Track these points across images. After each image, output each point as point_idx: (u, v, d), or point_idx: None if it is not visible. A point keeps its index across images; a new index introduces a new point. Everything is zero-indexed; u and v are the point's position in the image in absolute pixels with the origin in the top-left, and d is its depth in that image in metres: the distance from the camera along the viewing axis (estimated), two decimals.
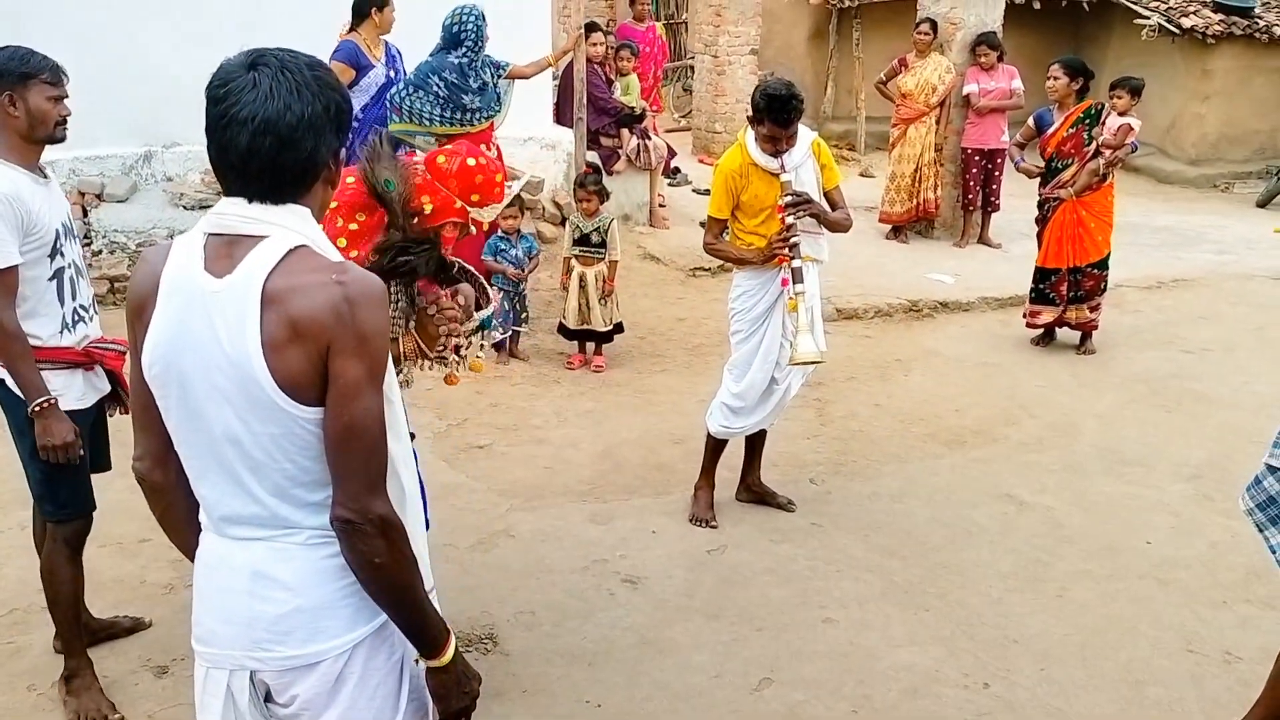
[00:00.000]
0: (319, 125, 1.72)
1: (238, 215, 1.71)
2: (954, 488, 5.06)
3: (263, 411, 1.69)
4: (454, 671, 1.88)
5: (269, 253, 1.68)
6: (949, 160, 9.33)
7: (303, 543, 1.78)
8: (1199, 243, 9.92)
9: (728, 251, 4.47)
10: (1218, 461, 5.36)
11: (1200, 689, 3.59)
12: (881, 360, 6.78)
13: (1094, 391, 6.35)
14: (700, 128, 12.57)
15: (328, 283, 1.67)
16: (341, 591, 1.80)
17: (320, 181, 1.78)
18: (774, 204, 4.27)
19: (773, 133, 4.17)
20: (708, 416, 4.66)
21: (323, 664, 1.80)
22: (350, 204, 2.87)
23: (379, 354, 1.73)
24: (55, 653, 3.47)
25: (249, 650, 1.80)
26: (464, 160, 2.99)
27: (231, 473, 1.75)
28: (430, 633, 1.84)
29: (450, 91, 6.32)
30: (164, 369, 1.75)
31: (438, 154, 3.01)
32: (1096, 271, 6.83)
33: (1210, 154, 12.84)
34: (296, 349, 1.67)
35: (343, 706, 1.83)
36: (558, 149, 8.76)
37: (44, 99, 3.05)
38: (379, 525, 1.72)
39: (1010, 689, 3.57)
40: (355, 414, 1.70)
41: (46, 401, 3.06)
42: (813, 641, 3.82)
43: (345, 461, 1.71)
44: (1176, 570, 4.35)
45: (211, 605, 1.84)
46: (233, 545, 1.81)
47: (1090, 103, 6.71)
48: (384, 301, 1.74)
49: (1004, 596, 4.13)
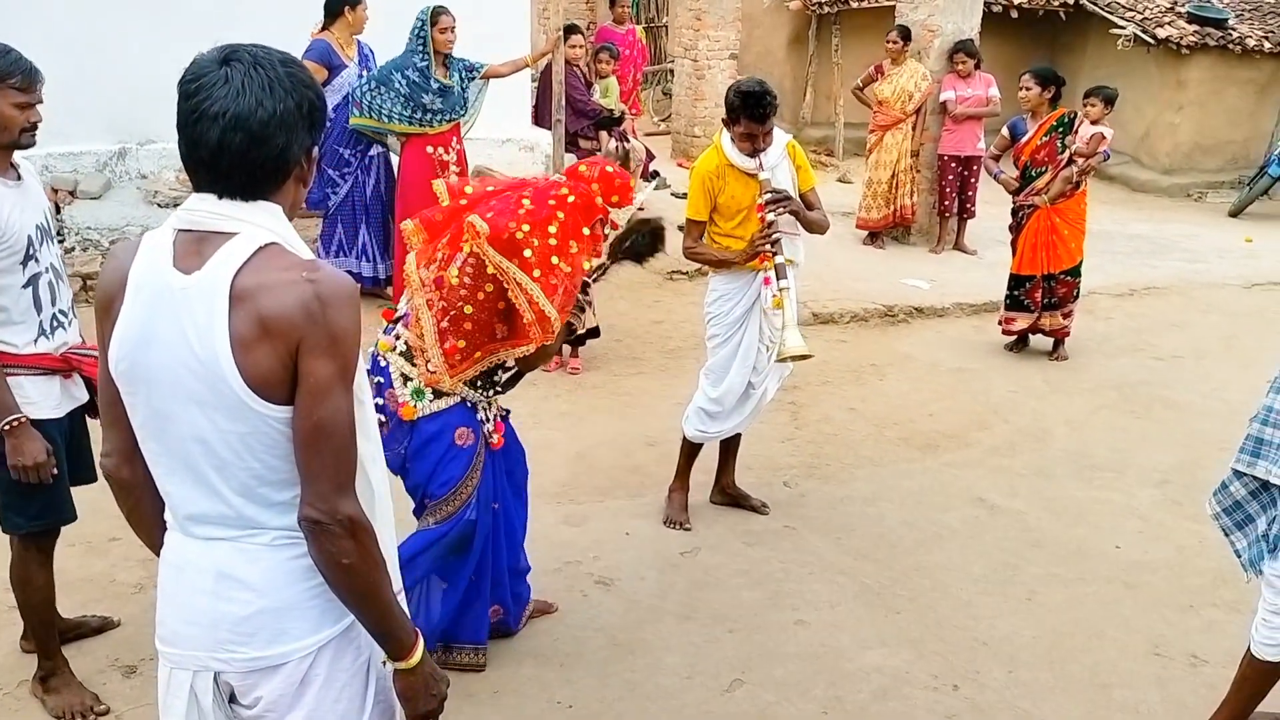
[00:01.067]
0: (291, 122, 1.70)
1: (207, 211, 1.70)
2: (926, 491, 5.10)
3: (230, 410, 1.68)
4: (422, 673, 1.87)
5: (238, 250, 1.67)
6: (925, 167, 9.39)
7: (268, 544, 1.77)
8: (1171, 251, 10.02)
9: (708, 254, 4.46)
10: (1187, 467, 5.42)
11: (1166, 691, 3.63)
12: (856, 364, 6.81)
13: (1065, 397, 6.41)
14: (679, 131, 12.59)
15: (298, 280, 1.66)
16: (307, 593, 1.79)
17: (292, 179, 1.76)
18: (750, 205, 4.28)
19: (749, 129, 4.17)
20: (684, 420, 4.67)
21: (287, 666, 1.79)
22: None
23: (349, 353, 1.72)
24: (23, 652, 3.44)
25: (212, 651, 1.79)
26: (603, 168, 3.40)
27: (197, 471, 1.74)
28: (397, 634, 1.83)
29: (411, 90, 6.35)
30: (130, 366, 1.74)
31: (580, 164, 3.41)
32: (1070, 279, 6.89)
33: (1184, 163, 12.97)
34: (265, 347, 1.65)
35: (308, 708, 1.82)
36: (536, 150, 8.77)
37: (10, 105, 2.91)
38: (347, 526, 1.71)
39: (979, 690, 3.60)
40: (324, 414, 1.69)
41: (17, 420, 2.95)
42: (784, 643, 3.83)
43: (314, 461, 1.70)
44: (1144, 574, 4.39)
45: (175, 605, 1.83)
46: (198, 545, 1.79)
47: (1062, 111, 6.78)
48: (355, 301, 1.72)
49: (974, 599, 4.16)
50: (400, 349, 3.27)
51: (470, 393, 3.31)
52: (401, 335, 3.28)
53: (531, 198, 3.20)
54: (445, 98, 6.47)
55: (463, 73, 6.59)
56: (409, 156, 6.57)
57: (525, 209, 3.15)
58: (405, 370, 3.25)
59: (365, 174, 6.79)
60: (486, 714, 3.37)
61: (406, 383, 3.26)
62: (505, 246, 3.09)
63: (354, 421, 1.74)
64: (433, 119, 6.48)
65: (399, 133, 6.52)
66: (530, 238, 3.10)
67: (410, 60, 6.39)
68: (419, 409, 3.26)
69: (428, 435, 3.28)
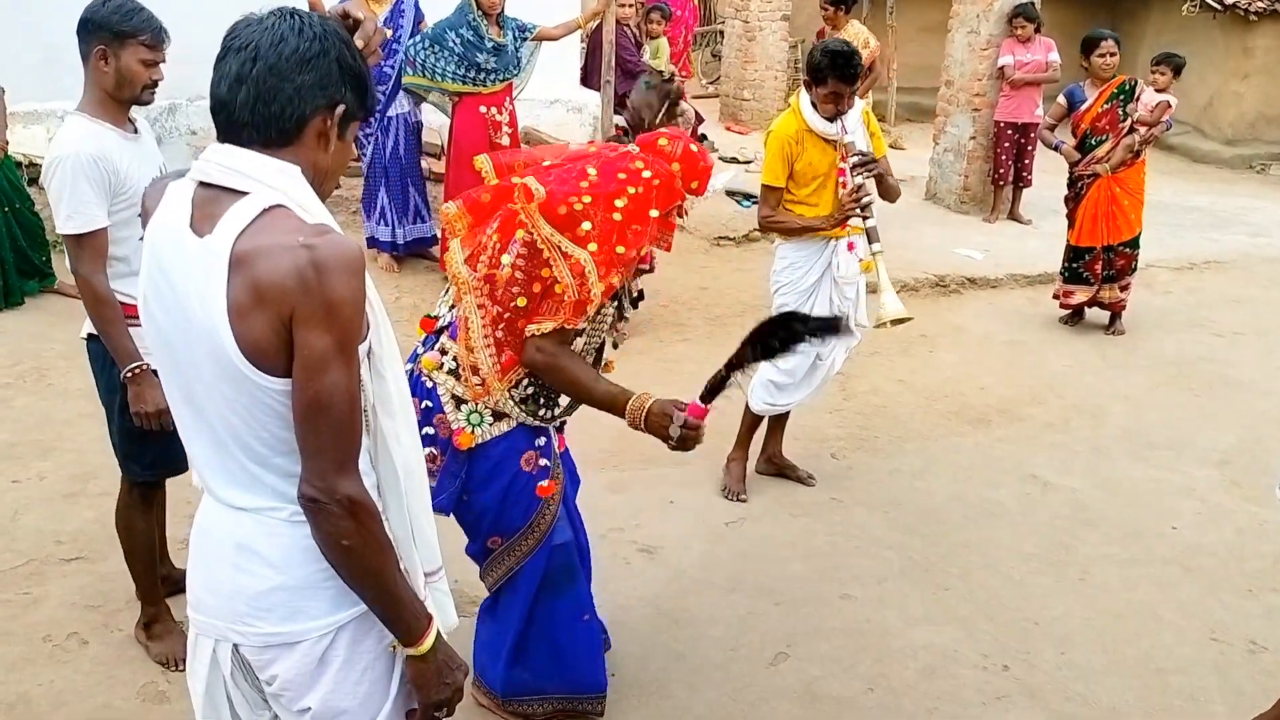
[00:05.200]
0: (314, 64, 1.66)
1: (222, 165, 1.65)
2: (977, 467, 5.00)
3: (233, 380, 1.63)
4: (435, 661, 1.81)
5: (244, 212, 1.60)
6: (981, 134, 9.17)
7: (287, 519, 1.72)
8: (1233, 224, 9.75)
9: (790, 221, 4.28)
10: (1247, 447, 5.28)
11: (1223, 678, 3.54)
12: (906, 335, 6.68)
13: (1122, 373, 6.26)
14: (728, 94, 12.42)
15: (294, 246, 1.57)
16: (324, 573, 1.73)
17: (312, 135, 1.70)
18: (827, 172, 4.20)
19: (836, 89, 4.05)
20: (749, 392, 4.59)
21: (302, 644, 1.75)
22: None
23: (349, 324, 1.61)
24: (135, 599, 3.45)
25: (231, 623, 1.76)
26: (686, 145, 2.93)
27: (217, 437, 1.70)
28: (405, 620, 1.76)
29: (465, 49, 6.27)
30: (150, 326, 1.71)
31: (659, 136, 2.93)
32: (1129, 250, 6.71)
33: (1248, 134, 12.60)
34: (259, 316, 1.58)
35: (325, 689, 1.78)
36: (584, 112, 8.67)
37: (137, 61, 2.94)
38: (346, 505, 1.63)
39: (1029, 672, 3.53)
40: (321, 388, 1.60)
41: (139, 367, 2.97)
42: (830, 618, 3.78)
43: (311, 437, 1.63)
44: (1201, 557, 4.28)
45: (200, 571, 1.81)
46: (223, 513, 1.76)
47: (1123, 78, 6.57)
48: (357, 269, 1.61)
49: (1025, 578, 4.07)
50: (448, 366, 2.78)
51: (530, 420, 2.84)
52: (449, 350, 2.78)
53: (599, 168, 2.76)
54: (499, 57, 6.39)
55: (516, 32, 6.49)
56: (461, 116, 6.49)
57: (590, 180, 2.73)
58: (457, 391, 2.77)
59: (385, 135, 6.71)
60: None
61: (460, 406, 2.78)
62: (561, 219, 2.64)
63: (356, 396, 1.65)
64: (486, 78, 6.40)
65: (452, 91, 6.45)
66: (592, 210, 2.66)
67: (464, 19, 6.31)
68: (478, 435, 2.79)
69: (492, 463, 2.82)
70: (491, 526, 2.91)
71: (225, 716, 1.87)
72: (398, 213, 6.84)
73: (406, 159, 6.78)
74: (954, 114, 9.45)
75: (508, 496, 2.86)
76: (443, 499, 2.80)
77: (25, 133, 7.26)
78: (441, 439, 2.79)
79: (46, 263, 6.20)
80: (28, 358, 5.45)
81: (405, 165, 6.78)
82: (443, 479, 2.79)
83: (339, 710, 1.79)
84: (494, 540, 2.93)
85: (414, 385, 2.78)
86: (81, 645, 3.41)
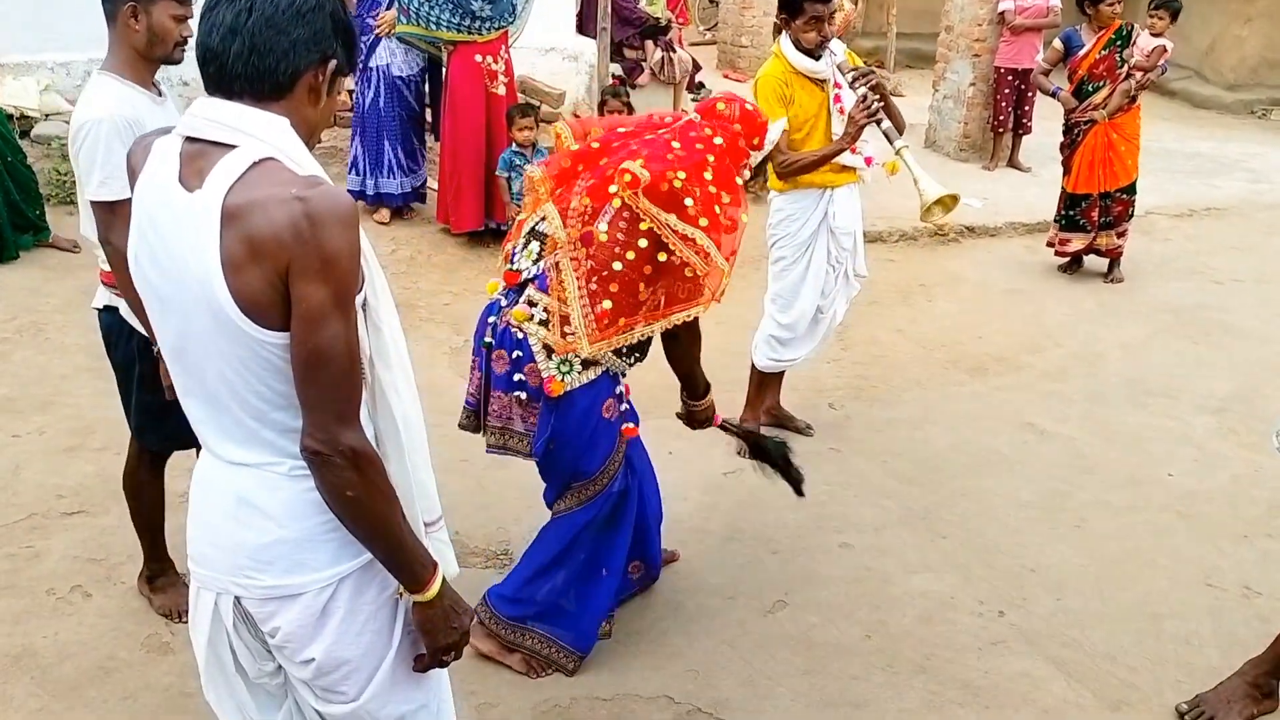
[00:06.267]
0: (309, 18, 1.65)
1: (210, 119, 1.63)
2: (975, 415, 5.01)
3: (230, 335, 1.62)
4: (440, 606, 1.82)
5: (234, 165, 1.59)
6: (981, 80, 9.09)
7: (287, 473, 1.73)
8: (1233, 170, 9.69)
9: (808, 156, 4.12)
10: (1244, 395, 5.29)
11: (1218, 622, 3.57)
12: (905, 285, 6.69)
13: (1120, 320, 6.25)
14: (726, 41, 12.28)
15: (287, 199, 1.55)
16: (326, 525, 1.74)
17: (304, 88, 1.68)
18: (817, 113, 4.15)
19: (815, 12, 3.98)
20: (753, 349, 4.57)
21: (304, 596, 1.76)
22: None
23: (345, 276, 1.60)
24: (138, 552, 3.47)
25: (233, 575, 1.77)
26: (743, 105, 3.07)
27: (213, 392, 1.70)
28: (411, 567, 1.77)
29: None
30: (143, 283, 1.71)
31: (716, 101, 3.07)
32: (1126, 196, 6.67)
33: (1249, 79, 12.48)
34: (255, 269, 1.57)
35: (329, 640, 1.79)
36: (580, 60, 8.58)
37: (168, 16, 2.86)
38: (349, 457, 1.64)
39: (1026, 618, 3.56)
40: (320, 341, 1.60)
41: None
42: (828, 566, 3.81)
43: (311, 390, 1.63)
44: (1198, 503, 4.31)
45: (201, 525, 1.82)
46: (222, 468, 1.76)
47: (1119, 23, 6.50)
48: (351, 220, 1.60)
49: (1022, 525, 4.10)
50: (538, 317, 2.91)
51: (617, 361, 3.03)
52: (538, 301, 2.91)
53: (679, 140, 2.87)
54: (494, 4, 6.28)
55: None
56: (457, 65, 6.41)
57: (675, 153, 2.83)
58: (549, 340, 2.91)
59: (365, 87, 6.63)
60: None
61: (550, 355, 2.91)
62: (665, 199, 2.78)
63: (355, 348, 1.65)
64: (481, 26, 6.30)
65: (447, 40, 6.36)
66: (690, 186, 2.80)
67: None
68: (567, 383, 2.92)
69: (580, 410, 2.97)
70: (572, 471, 3.08)
71: (229, 668, 1.89)
72: (371, 164, 6.72)
73: (386, 112, 6.64)
74: (954, 60, 9.35)
75: (591, 441, 3.02)
76: (538, 445, 2.99)
77: (16, 84, 7.17)
78: (532, 387, 2.94)
79: (41, 216, 6.16)
80: (24, 312, 5.44)
81: (383, 118, 6.65)
82: (539, 427, 2.96)
83: (342, 660, 1.81)
84: (571, 483, 3.12)
85: (503, 337, 2.97)
86: (85, 598, 3.44)
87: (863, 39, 13.14)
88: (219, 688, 1.92)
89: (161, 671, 3.13)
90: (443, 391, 4.89)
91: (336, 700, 1.86)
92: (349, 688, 1.84)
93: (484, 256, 6.54)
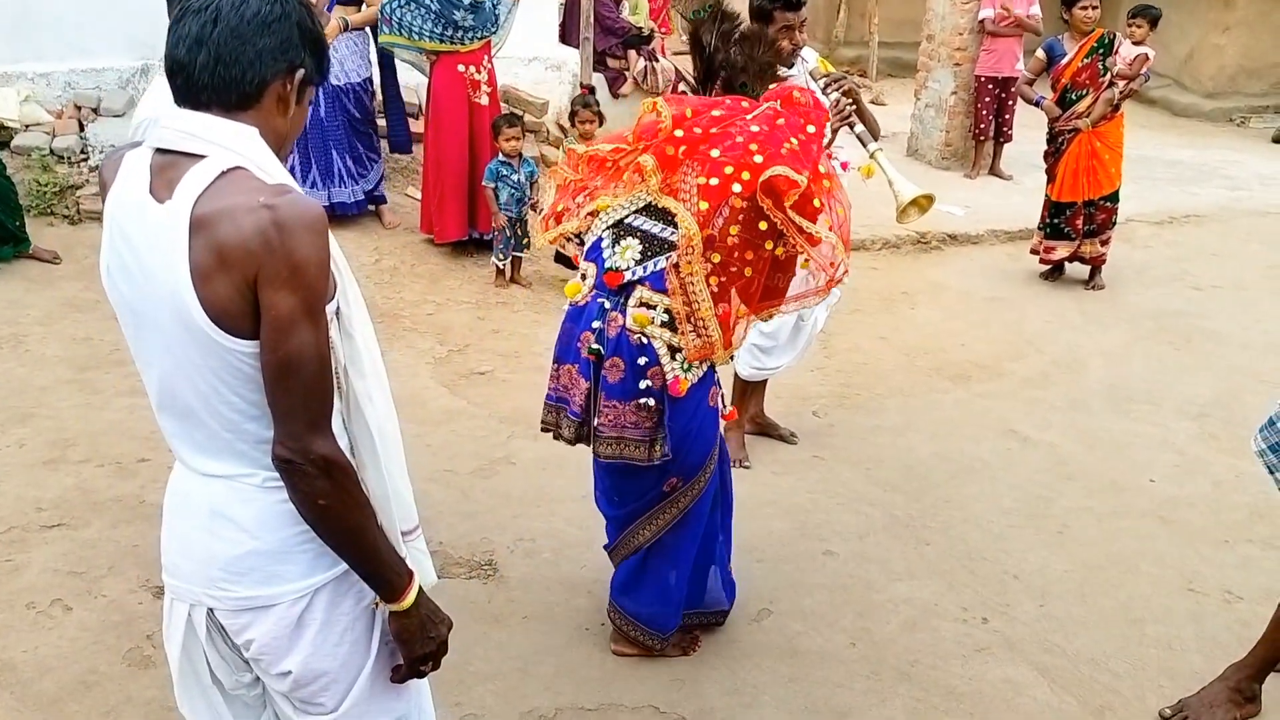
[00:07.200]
0: (275, 27, 1.65)
1: (179, 130, 1.63)
2: (957, 422, 5.03)
3: (200, 344, 1.62)
4: (417, 616, 1.81)
5: (202, 175, 1.59)
6: (962, 89, 9.14)
7: (260, 484, 1.72)
8: (1212, 178, 9.77)
9: None
10: (1224, 400, 5.32)
11: (1199, 627, 3.59)
12: (887, 293, 6.71)
13: (1101, 327, 6.29)
14: None
15: (255, 207, 1.55)
16: (300, 536, 1.73)
17: (272, 98, 1.69)
18: None
19: (786, 21, 3.99)
20: (734, 360, 4.57)
21: (278, 607, 1.75)
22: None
23: (315, 284, 1.60)
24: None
25: (206, 587, 1.76)
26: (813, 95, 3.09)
27: (186, 405, 1.70)
28: (386, 576, 1.76)
29: (443, 7, 6.16)
30: (115, 295, 1.70)
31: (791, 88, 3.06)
32: (1109, 204, 6.72)
33: (1228, 87, 12.58)
34: (223, 278, 1.57)
35: (305, 652, 1.78)
36: (563, 70, 8.58)
37: None
38: (321, 465, 1.63)
39: (1009, 624, 3.57)
40: (290, 349, 1.59)
41: None
42: (812, 573, 3.81)
43: (283, 399, 1.62)
44: (1179, 509, 4.33)
45: (175, 537, 1.81)
46: (194, 480, 1.76)
47: (1101, 31, 6.56)
48: (320, 228, 1.60)
49: (1005, 532, 4.12)
50: (660, 319, 2.86)
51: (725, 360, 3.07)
52: (656, 303, 2.86)
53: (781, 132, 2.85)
54: (477, 14, 6.28)
55: None
56: (440, 75, 6.40)
57: (791, 148, 2.80)
58: (673, 342, 2.87)
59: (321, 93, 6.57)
60: (516, 640, 3.38)
61: (675, 355, 2.88)
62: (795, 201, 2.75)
63: (326, 356, 1.65)
64: (464, 36, 6.30)
65: (429, 50, 6.35)
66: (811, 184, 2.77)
67: None
68: (689, 378, 2.92)
69: (694, 403, 2.97)
70: (677, 467, 3.01)
71: (205, 679, 1.88)
72: (321, 174, 6.62)
73: (329, 121, 6.54)
74: (935, 69, 9.40)
75: (698, 434, 3.00)
76: (670, 446, 2.94)
77: None
78: (656, 390, 2.88)
79: (21, 228, 6.11)
80: (4, 324, 5.40)
81: (326, 128, 6.55)
82: (669, 428, 2.92)
83: (319, 672, 1.80)
84: (672, 482, 3.05)
85: (619, 344, 2.88)
86: (65, 611, 3.41)
87: (845, 48, 13.21)
88: (194, 699, 1.91)
89: (143, 685, 3.11)
90: (425, 402, 4.89)
91: (315, 712, 1.85)
92: (328, 699, 1.83)
93: (467, 266, 6.54)
